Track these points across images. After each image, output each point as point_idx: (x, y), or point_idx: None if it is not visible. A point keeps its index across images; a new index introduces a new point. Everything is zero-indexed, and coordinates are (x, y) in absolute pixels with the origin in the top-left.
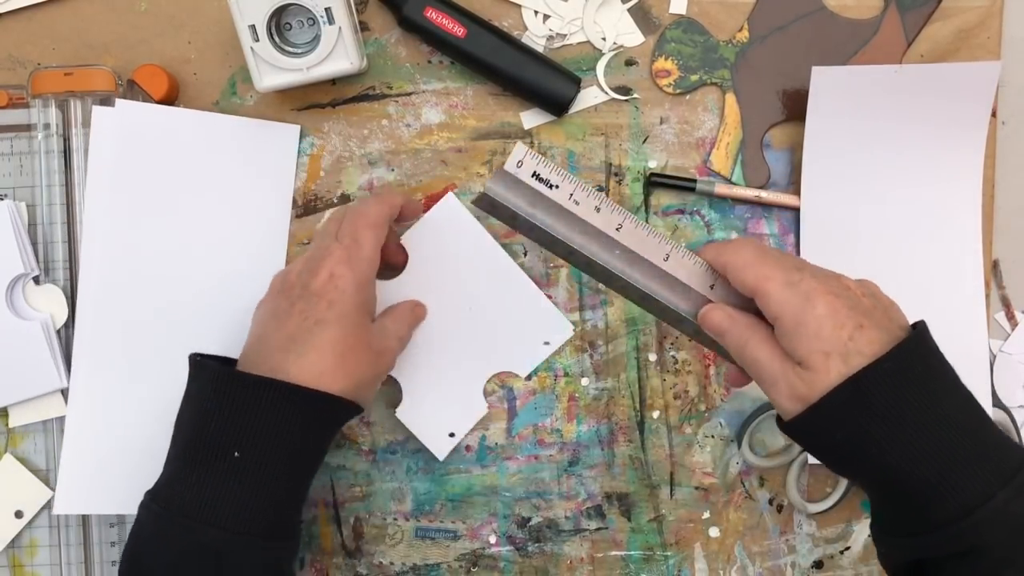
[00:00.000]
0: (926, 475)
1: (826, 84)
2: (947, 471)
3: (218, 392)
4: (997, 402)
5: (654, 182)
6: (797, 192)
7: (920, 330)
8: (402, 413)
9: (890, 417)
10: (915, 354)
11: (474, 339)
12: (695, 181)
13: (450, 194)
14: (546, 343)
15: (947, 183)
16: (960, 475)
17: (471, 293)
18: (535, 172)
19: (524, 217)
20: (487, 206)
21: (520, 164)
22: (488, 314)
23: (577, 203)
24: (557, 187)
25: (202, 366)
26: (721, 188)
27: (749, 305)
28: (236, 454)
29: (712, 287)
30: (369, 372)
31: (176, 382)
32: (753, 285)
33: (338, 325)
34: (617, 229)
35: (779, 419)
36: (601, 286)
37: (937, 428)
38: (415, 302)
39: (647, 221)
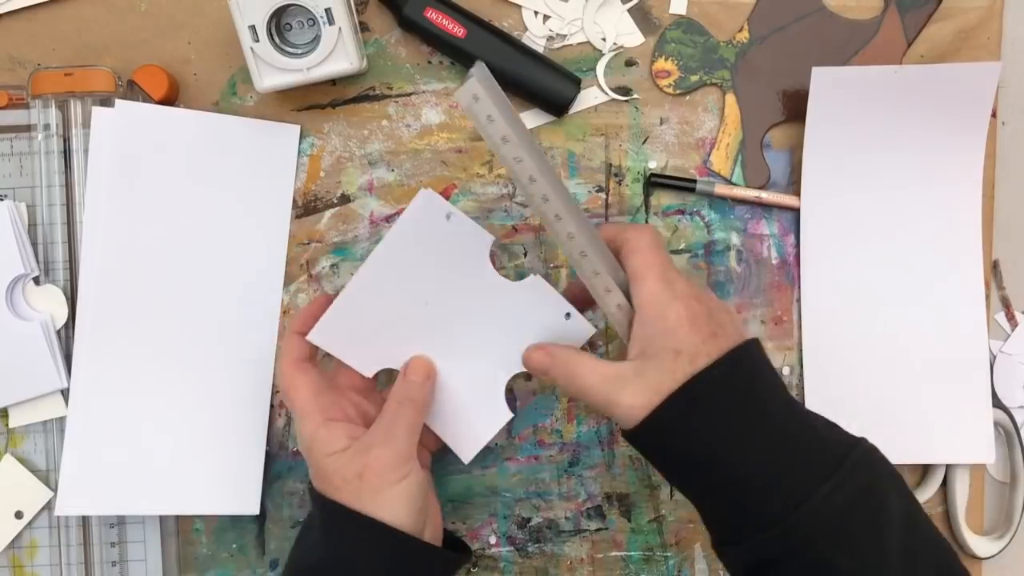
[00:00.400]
0: (754, 478)
1: (826, 84)
2: (773, 473)
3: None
4: (997, 402)
5: (654, 182)
6: (797, 192)
7: (748, 342)
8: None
9: (719, 422)
10: (742, 362)
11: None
12: (695, 181)
13: (423, 191)
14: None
15: (947, 183)
16: (785, 475)
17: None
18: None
19: (502, 121)
20: (469, 99)
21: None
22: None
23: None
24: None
25: (321, 502)
26: (721, 188)
27: (626, 289)
28: None
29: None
30: (387, 484)
31: (175, 381)
32: (635, 269)
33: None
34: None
35: (623, 431)
36: None
37: (762, 431)
38: (408, 384)
39: (647, 222)
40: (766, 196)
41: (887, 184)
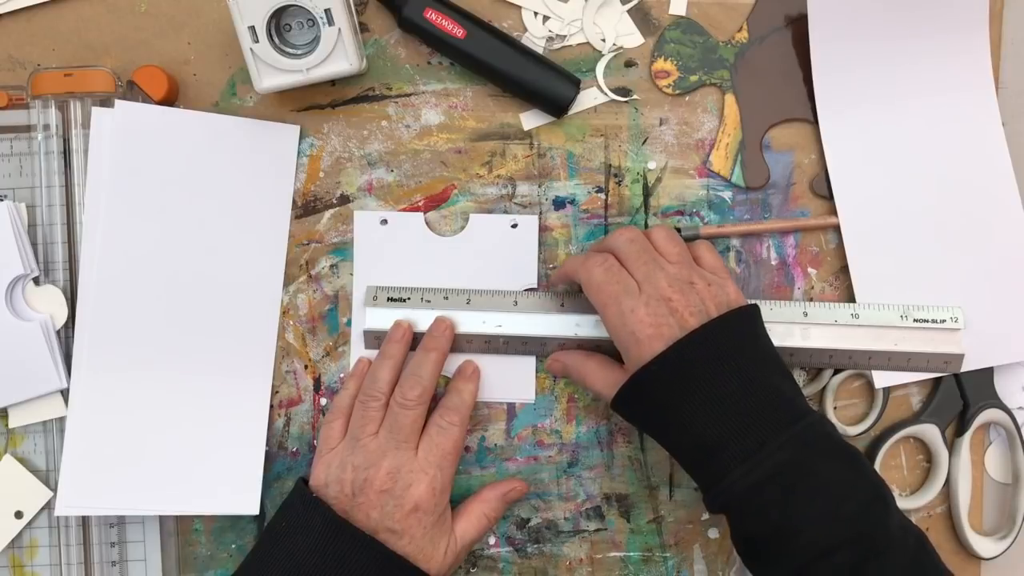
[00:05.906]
0: (698, 442)
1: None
2: (717, 436)
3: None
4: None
5: None
6: (796, 203)
7: (687, 336)
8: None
9: (660, 402)
10: (683, 350)
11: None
12: (679, 230)
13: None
14: None
15: (960, 88)
16: (728, 438)
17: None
18: (388, 297)
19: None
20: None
21: (375, 298)
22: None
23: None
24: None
25: (315, 507)
26: (706, 230)
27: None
28: None
29: (562, 305)
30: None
31: (175, 381)
32: (594, 305)
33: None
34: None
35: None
36: None
37: (704, 406)
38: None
39: (647, 223)
40: (753, 227)
41: (900, 94)
